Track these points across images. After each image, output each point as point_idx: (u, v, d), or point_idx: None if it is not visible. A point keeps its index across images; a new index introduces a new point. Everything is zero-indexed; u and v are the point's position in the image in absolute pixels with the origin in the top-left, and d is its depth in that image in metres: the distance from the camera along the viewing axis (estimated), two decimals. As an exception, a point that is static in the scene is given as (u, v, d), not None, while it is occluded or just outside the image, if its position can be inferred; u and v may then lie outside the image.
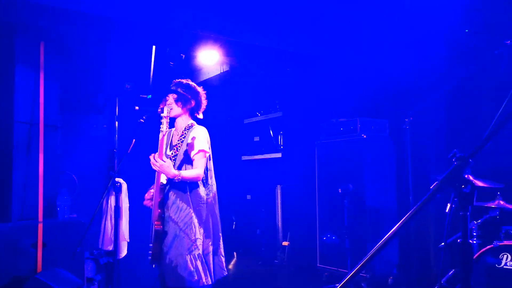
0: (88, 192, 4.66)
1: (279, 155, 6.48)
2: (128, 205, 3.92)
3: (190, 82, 3.40)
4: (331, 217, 5.26)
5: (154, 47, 4.68)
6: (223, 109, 7.45)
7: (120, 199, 3.74)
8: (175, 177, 3.08)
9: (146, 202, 3.32)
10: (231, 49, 4.70)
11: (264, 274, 5.98)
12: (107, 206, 3.80)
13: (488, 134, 1.34)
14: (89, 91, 4.80)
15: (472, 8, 4.65)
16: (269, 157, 6.67)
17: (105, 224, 3.86)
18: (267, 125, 6.76)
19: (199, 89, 3.39)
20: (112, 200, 3.76)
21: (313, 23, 4.68)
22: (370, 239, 4.89)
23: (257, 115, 7.01)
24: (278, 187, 6.62)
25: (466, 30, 4.99)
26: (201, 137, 3.23)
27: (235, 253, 6.51)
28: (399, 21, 5.00)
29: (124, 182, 3.85)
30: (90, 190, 4.68)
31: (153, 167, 3.10)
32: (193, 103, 3.33)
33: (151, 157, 3.09)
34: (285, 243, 6.29)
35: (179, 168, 3.20)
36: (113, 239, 3.69)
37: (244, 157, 7.25)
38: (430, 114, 5.37)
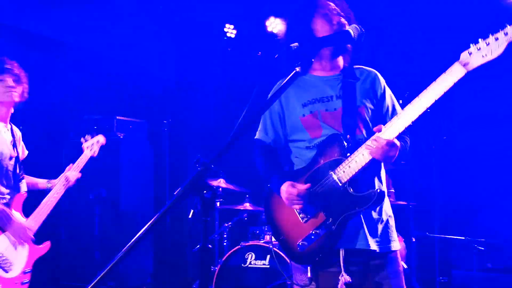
0: None
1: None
2: None
3: None
4: (79, 226, 5.04)
5: None
6: None
7: None
8: None
9: None
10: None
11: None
12: None
13: (229, 141, 1.51)
14: None
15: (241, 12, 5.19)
16: (4, 156, 5.93)
17: None
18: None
19: None
20: None
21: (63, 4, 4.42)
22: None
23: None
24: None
25: (225, 38, 5.56)
26: None
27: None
28: (163, 18, 5.20)
29: None
30: None
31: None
32: (25, 92, 3.13)
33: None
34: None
35: None
36: None
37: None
38: (190, 116, 5.75)
